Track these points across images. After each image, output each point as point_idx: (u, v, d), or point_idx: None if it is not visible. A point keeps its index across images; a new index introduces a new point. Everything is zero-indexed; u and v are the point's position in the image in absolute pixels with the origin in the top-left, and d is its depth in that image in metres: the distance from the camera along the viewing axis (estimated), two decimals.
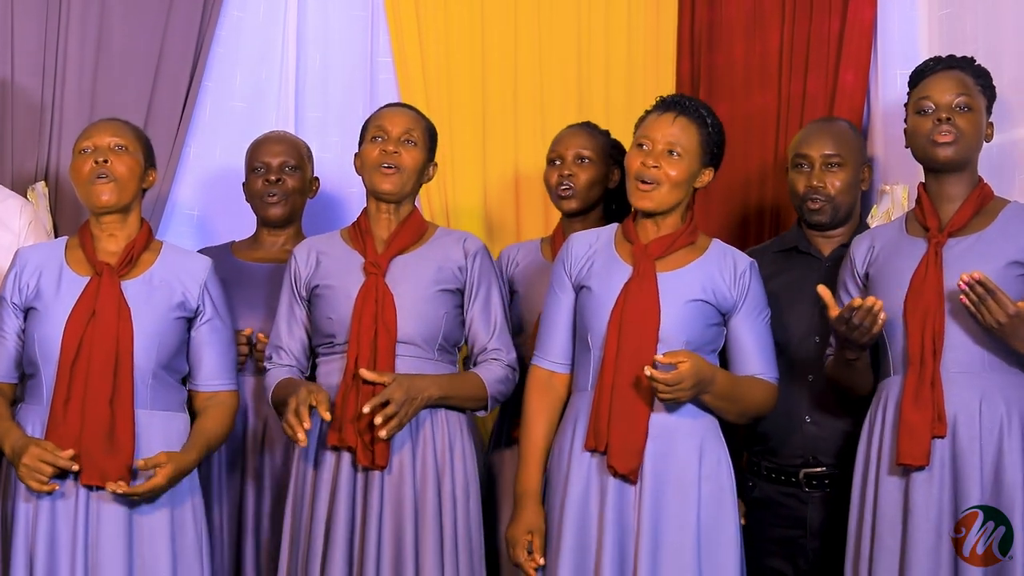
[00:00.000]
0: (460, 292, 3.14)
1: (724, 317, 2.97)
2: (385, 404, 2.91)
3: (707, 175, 3.01)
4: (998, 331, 2.72)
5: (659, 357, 2.79)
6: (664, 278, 2.93)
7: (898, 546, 2.76)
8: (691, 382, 2.78)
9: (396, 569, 2.95)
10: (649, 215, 2.97)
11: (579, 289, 3.01)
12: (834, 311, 2.81)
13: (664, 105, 3.00)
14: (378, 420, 2.88)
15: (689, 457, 2.86)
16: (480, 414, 3.14)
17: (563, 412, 3.01)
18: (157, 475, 2.84)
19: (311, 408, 2.88)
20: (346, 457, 3.00)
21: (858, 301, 2.76)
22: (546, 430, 3.00)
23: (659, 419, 2.86)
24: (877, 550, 2.80)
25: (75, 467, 2.83)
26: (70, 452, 2.83)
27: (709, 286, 2.94)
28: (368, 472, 2.98)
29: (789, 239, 3.32)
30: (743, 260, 2.99)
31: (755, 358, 2.97)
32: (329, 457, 3.02)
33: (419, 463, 3.00)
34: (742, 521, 3.16)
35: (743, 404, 2.94)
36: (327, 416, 2.88)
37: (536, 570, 2.91)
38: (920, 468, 2.76)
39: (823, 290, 2.84)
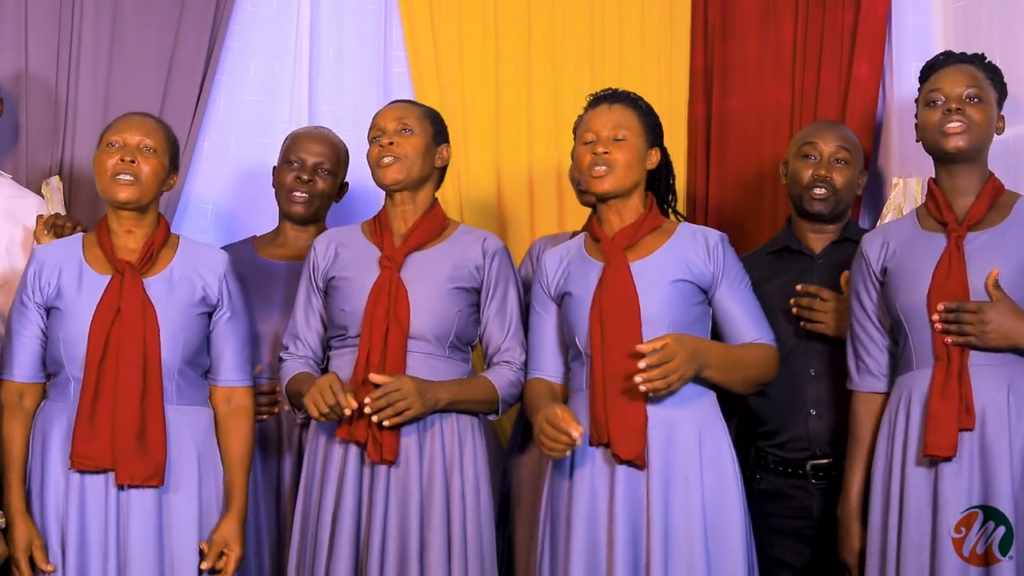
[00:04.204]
0: (476, 291, 3.13)
1: (706, 295, 2.97)
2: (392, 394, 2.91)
3: (655, 155, 3.05)
4: (997, 339, 2.72)
5: (640, 347, 2.80)
6: (639, 266, 2.95)
7: (926, 540, 2.75)
8: (685, 355, 2.80)
9: (400, 564, 2.95)
10: (605, 200, 2.99)
11: (561, 299, 3.04)
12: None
13: (596, 100, 3.06)
14: (368, 409, 2.89)
15: (690, 442, 2.86)
16: (491, 417, 3.14)
17: None
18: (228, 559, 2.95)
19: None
20: (353, 451, 3.00)
21: None
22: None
23: (658, 409, 2.86)
24: (904, 545, 2.79)
25: None
26: (51, 568, 2.84)
27: (684, 264, 2.95)
28: (375, 466, 2.98)
29: (780, 239, 3.36)
30: (713, 234, 3.01)
31: (748, 325, 2.97)
32: (337, 450, 3.02)
33: (427, 460, 2.99)
34: None
35: (745, 371, 2.94)
36: (353, 404, 2.88)
37: (546, 566, 2.91)
38: (947, 459, 2.73)
39: None
